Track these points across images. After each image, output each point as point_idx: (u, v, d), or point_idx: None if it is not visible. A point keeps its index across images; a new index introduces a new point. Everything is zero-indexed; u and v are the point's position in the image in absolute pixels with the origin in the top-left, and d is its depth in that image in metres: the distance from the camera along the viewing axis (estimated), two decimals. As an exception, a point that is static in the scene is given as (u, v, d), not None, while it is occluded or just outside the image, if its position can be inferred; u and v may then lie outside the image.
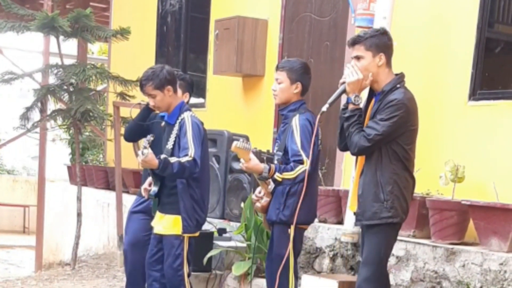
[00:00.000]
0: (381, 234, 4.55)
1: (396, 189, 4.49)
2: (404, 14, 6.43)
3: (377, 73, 4.55)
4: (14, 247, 16.32)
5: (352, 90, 4.54)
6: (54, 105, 10.16)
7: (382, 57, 4.53)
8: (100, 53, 20.44)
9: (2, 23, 9.02)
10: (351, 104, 4.57)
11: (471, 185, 5.65)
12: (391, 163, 4.48)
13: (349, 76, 4.54)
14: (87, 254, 10.45)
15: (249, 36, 8.40)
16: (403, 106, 4.43)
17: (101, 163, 12.33)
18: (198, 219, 5.48)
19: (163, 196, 5.51)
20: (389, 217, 4.49)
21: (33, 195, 16.64)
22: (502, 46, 6.04)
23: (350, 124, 4.55)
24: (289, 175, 4.83)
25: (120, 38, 9.45)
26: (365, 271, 4.58)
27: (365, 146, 4.46)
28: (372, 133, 4.42)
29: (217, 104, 9.24)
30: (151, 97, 5.45)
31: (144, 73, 5.47)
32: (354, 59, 4.58)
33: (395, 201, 4.49)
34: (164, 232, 5.49)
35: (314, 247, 6.50)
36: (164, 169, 5.16)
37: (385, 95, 4.49)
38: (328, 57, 7.59)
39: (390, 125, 4.40)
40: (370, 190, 4.51)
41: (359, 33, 4.74)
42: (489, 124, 5.77)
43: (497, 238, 5.15)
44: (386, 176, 4.48)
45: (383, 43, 4.56)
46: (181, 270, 5.45)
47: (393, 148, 4.47)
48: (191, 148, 5.28)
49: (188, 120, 5.40)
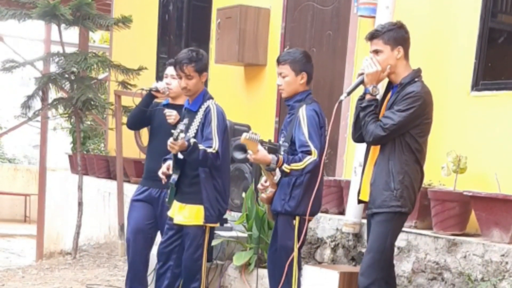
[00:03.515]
0: (388, 223, 4.60)
1: (407, 179, 4.57)
2: (407, 3, 6.40)
3: (395, 66, 4.64)
4: (15, 236, 16.36)
5: (370, 81, 4.63)
6: (55, 94, 10.18)
7: (400, 50, 4.63)
8: (101, 41, 20.39)
9: (3, 11, 9.01)
10: (369, 94, 4.66)
11: (473, 176, 5.64)
12: (404, 154, 4.56)
13: (368, 67, 4.63)
14: (88, 243, 10.46)
15: (251, 25, 8.37)
16: (420, 99, 4.51)
17: (102, 152, 12.32)
18: (220, 209, 5.48)
19: (183, 186, 5.48)
20: (398, 206, 4.55)
21: (34, 184, 16.66)
22: (505, 36, 6.01)
23: (367, 114, 4.63)
24: (297, 166, 4.83)
25: (122, 26, 9.43)
26: (368, 259, 4.62)
27: (380, 135, 4.53)
28: (388, 123, 4.50)
29: (219, 94, 9.16)
30: (187, 78, 5.38)
31: (184, 53, 5.41)
32: (372, 53, 4.65)
33: (404, 191, 4.56)
34: (185, 222, 5.46)
35: (316, 238, 6.49)
36: (191, 153, 5.14)
37: (403, 87, 4.58)
38: (330, 47, 7.57)
39: (406, 116, 4.48)
40: (382, 179, 4.58)
41: (376, 27, 4.83)
42: (492, 114, 5.75)
43: (499, 229, 5.15)
44: (398, 166, 4.55)
45: (400, 37, 4.65)
46: (200, 260, 5.46)
47: (406, 140, 4.55)
48: (215, 140, 5.28)
49: (213, 109, 5.39)
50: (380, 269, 4.61)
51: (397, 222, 4.65)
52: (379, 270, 4.61)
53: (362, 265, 4.67)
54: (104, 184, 10.65)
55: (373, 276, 4.59)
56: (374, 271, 4.59)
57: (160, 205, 5.97)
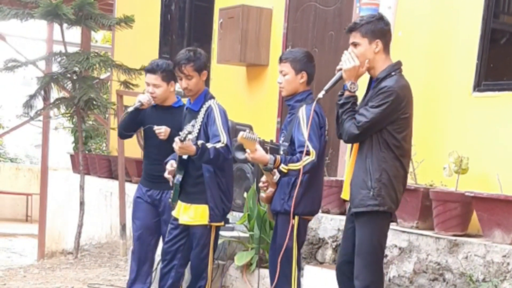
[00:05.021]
0: (370, 223, 4.48)
1: (385, 177, 4.42)
2: (409, 4, 6.40)
3: (373, 60, 4.49)
4: (16, 236, 16.36)
5: (349, 77, 4.51)
6: (57, 93, 10.18)
7: (378, 43, 4.48)
8: (103, 41, 20.42)
9: (5, 10, 9.02)
10: (347, 91, 4.54)
11: (475, 176, 5.63)
12: (381, 151, 4.42)
13: (346, 62, 4.51)
14: (89, 243, 10.46)
15: (253, 25, 8.37)
16: (393, 93, 4.35)
17: (104, 151, 12.33)
18: (224, 208, 5.48)
19: (187, 186, 5.48)
20: (375, 205, 4.42)
21: (36, 183, 16.67)
22: (507, 37, 6.01)
23: (344, 111, 4.51)
24: (295, 166, 4.81)
25: (124, 26, 9.43)
26: (359, 262, 4.51)
27: (354, 134, 4.42)
28: (361, 120, 4.38)
29: (221, 94, 9.16)
30: (187, 78, 5.38)
31: (182, 54, 5.41)
32: (351, 45, 4.55)
33: (382, 189, 4.41)
34: (191, 222, 5.46)
35: (317, 238, 6.49)
36: (202, 155, 5.12)
37: (379, 82, 4.44)
38: (332, 47, 7.57)
39: (379, 112, 4.34)
40: (360, 178, 4.47)
41: (355, 20, 4.67)
42: (494, 115, 5.75)
43: (501, 230, 5.14)
44: (376, 163, 4.42)
45: (379, 29, 4.50)
46: (206, 259, 5.48)
47: (384, 137, 4.41)
48: (222, 135, 5.27)
49: (215, 108, 5.39)
50: (374, 271, 4.52)
51: (380, 222, 4.51)
52: (373, 272, 4.51)
53: (355, 268, 4.56)
54: (105, 183, 10.66)
55: (369, 278, 4.49)
56: (368, 273, 4.49)
57: (161, 206, 5.97)
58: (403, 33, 6.19)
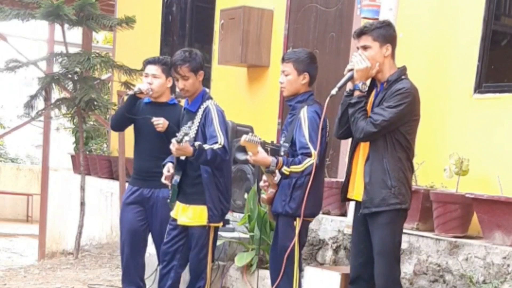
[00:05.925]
0: (392, 222, 4.59)
1: (402, 176, 4.56)
2: (410, 5, 6.41)
3: (383, 63, 4.63)
4: (17, 236, 16.36)
5: (360, 77, 4.62)
6: (58, 94, 10.19)
7: (388, 48, 4.62)
8: (104, 42, 20.41)
9: (7, 11, 9.02)
10: (358, 90, 4.65)
11: (475, 178, 5.63)
12: (396, 152, 4.55)
13: (358, 63, 4.62)
14: (90, 243, 10.47)
15: (254, 26, 8.38)
16: (410, 95, 4.50)
17: (105, 152, 12.33)
18: (223, 208, 5.48)
19: (185, 187, 5.48)
20: (398, 203, 4.54)
21: (37, 183, 16.67)
22: (508, 39, 6.01)
23: (357, 110, 4.61)
24: (297, 168, 4.81)
25: (125, 27, 9.45)
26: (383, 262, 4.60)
27: (371, 132, 4.51)
28: (379, 119, 4.48)
29: (222, 95, 9.21)
30: (183, 79, 5.38)
31: (178, 55, 5.42)
32: (360, 49, 4.65)
33: (402, 187, 4.55)
34: (190, 223, 5.46)
35: (317, 239, 6.49)
36: (199, 156, 5.13)
37: (391, 84, 4.56)
38: (333, 48, 7.57)
39: (397, 112, 4.47)
40: (378, 177, 4.55)
41: (365, 24, 4.80)
42: (494, 117, 5.75)
43: (501, 231, 5.14)
44: (392, 163, 4.54)
45: (389, 34, 4.66)
46: (205, 259, 5.48)
47: (396, 137, 4.54)
48: (220, 136, 5.26)
49: (213, 109, 5.38)
50: (396, 269, 4.65)
51: (400, 220, 4.64)
52: (396, 270, 4.64)
53: (376, 267, 4.62)
54: (106, 184, 10.67)
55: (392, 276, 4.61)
56: (392, 271, 4.62)
57: (152, 205, 5.96)
58: (404, 34, 6.18)
